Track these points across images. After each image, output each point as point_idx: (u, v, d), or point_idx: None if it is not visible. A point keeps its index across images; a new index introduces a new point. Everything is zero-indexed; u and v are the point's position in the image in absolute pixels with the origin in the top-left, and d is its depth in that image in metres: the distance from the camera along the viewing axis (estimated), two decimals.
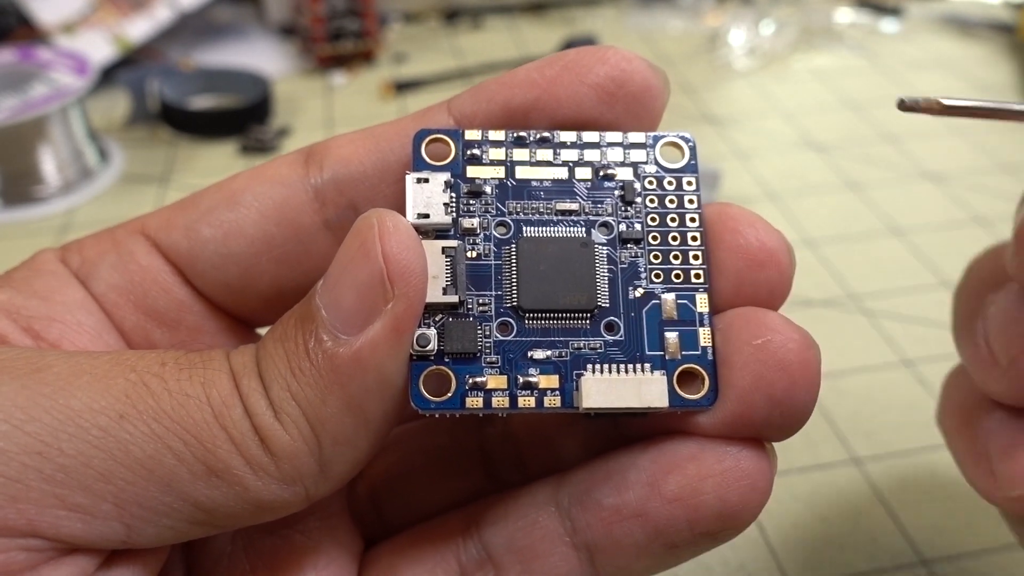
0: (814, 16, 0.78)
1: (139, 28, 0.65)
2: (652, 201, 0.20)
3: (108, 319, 0.20)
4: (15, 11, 0.66)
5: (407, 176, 0.19)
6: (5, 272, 0.20)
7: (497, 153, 0.20)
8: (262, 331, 0.22)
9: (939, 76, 0.69)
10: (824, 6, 0.80)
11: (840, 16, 0.78)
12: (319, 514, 0.21)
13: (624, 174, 0.20)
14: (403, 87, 0.67)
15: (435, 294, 0.18)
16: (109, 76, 0.63)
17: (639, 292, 0.19)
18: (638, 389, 0.18)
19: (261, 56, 0.71)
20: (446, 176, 0.19)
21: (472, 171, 0.20)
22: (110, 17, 0.66)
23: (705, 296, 0.19)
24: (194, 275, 0.21)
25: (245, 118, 0.61)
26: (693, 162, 0.20)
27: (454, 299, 0.18)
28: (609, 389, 0.18)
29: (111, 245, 0.21)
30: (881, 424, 0.38)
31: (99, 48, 0.64)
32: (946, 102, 0.20)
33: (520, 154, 0.20)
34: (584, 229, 0.19)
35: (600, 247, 0.19)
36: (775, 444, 0.19)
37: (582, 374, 0.18)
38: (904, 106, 0.21)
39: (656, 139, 0.20)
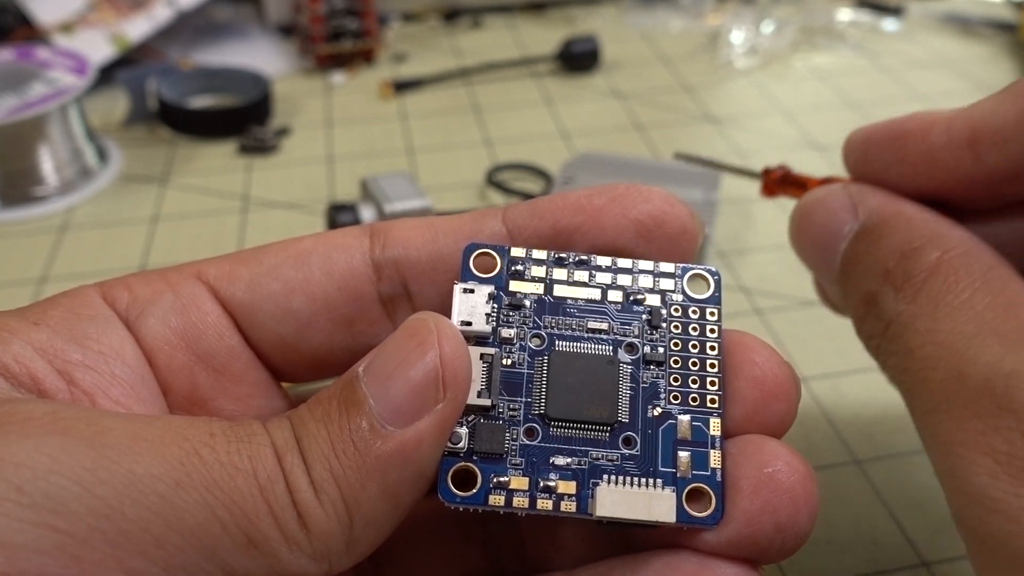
0: (815, 15, 0.77)
1: (138, 27, 0.65)
2: (676, 327, 0.21)
3: (147, 365, 0.21)
4: (14, 11, 0.66)
5: (455, 286, 0.21)
6: (40, 305, 0.21)
7: (538, 271, 0.22)
8: (284, 385, 0.24)
9: (940, 75, 0.68)
10: (825, 5, 0.79)
11: (841, 15, 0.78)
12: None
13: (652, 300, 0.22)
14: (403, 87, 0.66)
15: (470, 396, 0.20)
16: (108, 76, 0.63)
17: (657, 411, 0.20)
18: (649, 503, 0.19)
19: (260, 56, 0.71)
20: (490, 289, 0.21)
21: (514, 285, 0.21)
22: (109, 16, 0.66)
23: (718, 420, 0.20)
24: (252, 326, 0.22)
25: (244, 118, 0.61)
26: (717, 294, 0.22)
27: (487, 402, 0.20)
28: (622, 500, 0.19)
29: (166, 286, 0.22)
30: (882, 425, 0.38)
31: (98, 47, 0.63)
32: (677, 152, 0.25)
33: (559, 273, 0.22)
34: (611, 348, 0.21)
35: (625, 366, 0.21)
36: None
37: (598, 483, 0.20)
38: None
39: (685, 270, 0.22)
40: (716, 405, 0.21)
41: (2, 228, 0.52)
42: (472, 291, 0.21)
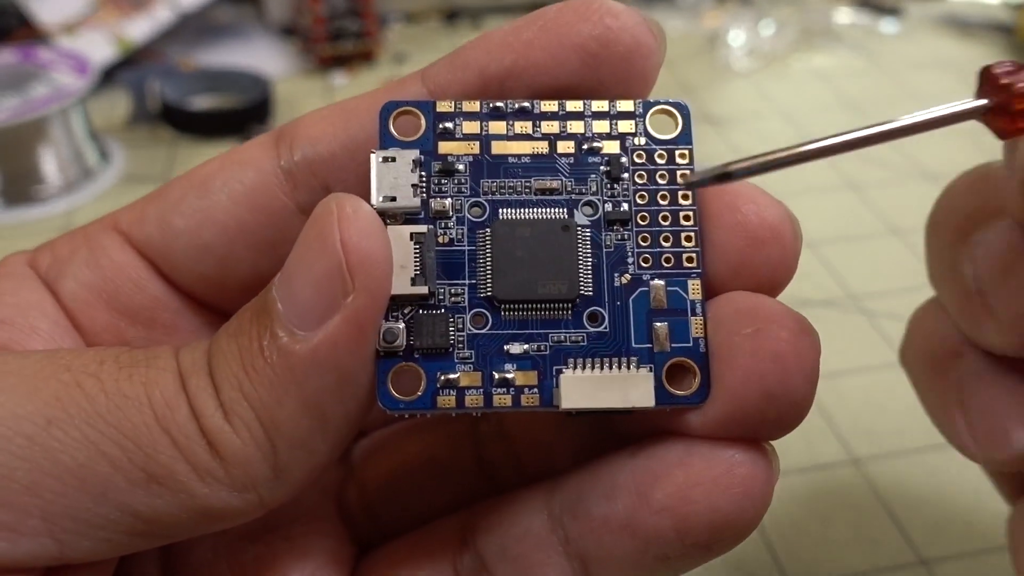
0: (814, 16, 0.78)
1: (140, 28, 0.65)
2: (641, 177, 0.18)
3: (69, 321, 0.19)
4: (16, 11, 0.66)
5: (371, 155, 0.17)
6: None
7: (471, 127, 0.18)
8: None
9: (938, 76, 0.69)
10: (824, 6, 0.80)
11: (840, 16, 0.78)
12: (303, 520, 0.20)
13: (610, 147, 0.18)
14: None
15: (403, 285, 0.17)
16: (110, 76, 0.63)
17: (626, 279, 0.17)
18: (623, 388, 0.17)
19: (261, 56, 0.71)
20: (414, 154, 0.17)
21: (444, 147, 0.18)
22: (111, 17, 0.66)
23: (698, 282, 0.17)
24: (169, 268, 0.20)
25: (245, 118, 0.61)
26: (687, 132, 0.18)
27: (423, 290, 0.17)
28: (591, 388, 0.17)
29: (83, 242, 0.20)
30: (881, 424, 0.38)
31: (100, 48, 0.64)
32: (732, 168, 0.15)
33: (496, 127, 0.18)
34: (566, 210, 0.18)
35: (583, 229, 0.17)
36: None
37: (562, 370, 0.17)
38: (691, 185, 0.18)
39: (647, 107, 0.18)
40: (694, 264, 0.17)
41: (4, 228, 0.52)
42: (393, 159, 0.17)
